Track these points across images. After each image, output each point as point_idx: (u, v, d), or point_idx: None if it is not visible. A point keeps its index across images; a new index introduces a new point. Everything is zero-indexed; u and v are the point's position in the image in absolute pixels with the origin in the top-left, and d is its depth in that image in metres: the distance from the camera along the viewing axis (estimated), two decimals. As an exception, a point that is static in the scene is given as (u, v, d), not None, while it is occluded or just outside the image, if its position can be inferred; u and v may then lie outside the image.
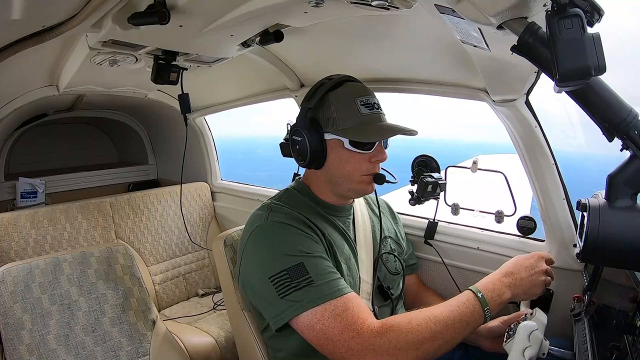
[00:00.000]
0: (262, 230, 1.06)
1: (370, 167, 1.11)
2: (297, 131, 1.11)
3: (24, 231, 1.95)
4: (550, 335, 1.03)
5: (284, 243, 1.02)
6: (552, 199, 1.32)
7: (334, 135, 1.09)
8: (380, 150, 1.11)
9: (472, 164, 1.53)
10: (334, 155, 1.11)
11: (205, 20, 1.18)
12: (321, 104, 1.11)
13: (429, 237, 1.58)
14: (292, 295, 0.95)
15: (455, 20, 0.89)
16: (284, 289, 0.96)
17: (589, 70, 0.64)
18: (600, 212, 0.72)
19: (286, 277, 0.96)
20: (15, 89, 1.77)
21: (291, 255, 0.99)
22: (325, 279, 0.96)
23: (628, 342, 0.79)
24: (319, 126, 1.10)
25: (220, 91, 2.27)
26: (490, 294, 0.95)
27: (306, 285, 0.95)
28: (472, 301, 0.94)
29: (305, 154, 1.10)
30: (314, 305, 0.94)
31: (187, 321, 2.09)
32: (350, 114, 1.08)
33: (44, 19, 1.09)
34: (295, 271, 0.96)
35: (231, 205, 2.60)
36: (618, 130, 0.72)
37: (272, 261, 1.00)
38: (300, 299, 0.94)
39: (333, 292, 0.95)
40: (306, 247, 1.01)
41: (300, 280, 0.95)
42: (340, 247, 1.13)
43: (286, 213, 1.08)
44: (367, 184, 1.13)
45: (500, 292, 0.96)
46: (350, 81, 1.15)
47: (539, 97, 1.26)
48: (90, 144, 3.21)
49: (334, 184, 1.14)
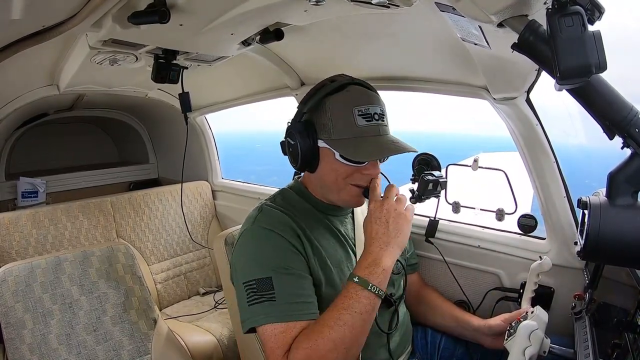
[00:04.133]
0: (248, 234, 1.06)
1: (361, 178, 1.06)
2: (291, 134, 1.07)
3: (25, 231, 1.95)
4: (551, 333, 1.03)
5: (262, 253, 1.02)
6: (553, 197, 1.32)
7: (326, 145, 1.04)
8: (373, 165, 1.06)
9: (472, 162, 1.53)
10: (325, 163, 1.06)
11: (205, 19, 1.17)
12: (318, 107, 1.06)
13: (430, 236, 1.58)
14: (255, 306, 0.97)
15: (455, 18, 0.89)
16: (251, 297, 0.98)
17: (590, 68, 0.63)
18: (601, 210, 0.72)
19: (254, 287, 0.98)
20: (16, 88, 1.77)
21: (264, 267, 0.99)
22: (286, 300, 0.96)
23: (629, 339, 0.79)
24: (313, 131, 1.05)
25: (221, 90, 2.27)
26: (365, 272, 0.93)
27: (267, 301, 0.96)
28: (352, 290, 0.92)
29: (297, 158, 1.07)
30: (264, 323, 0.95)
31: (189, 320, 2.10)
32: (345, 124, 1.02)
33: (44, 19, 1.09)
34: (262, 284, 0.97)
35: (232, 204, 2.61)
36: (619, 128, 0.72)
37: (248, 268, 1.01)
38: (260, 312, 0.96)
39: (285, 315, 0.95)
40: (282, 262, 1.00)
41: (263, 294, 0.97)
42: (330, 252, 1.10)
43: (274, 217, 1.06)
44: (357, 197, 1.09)
45: (374, 262, 0.94)
46: (354, 84, 1.07)
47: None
48: (90, 143, 3.21)
49: (324, 190, 1.12)
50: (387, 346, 1.17)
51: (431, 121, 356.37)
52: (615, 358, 0.80)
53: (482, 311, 1.45)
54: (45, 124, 2.62)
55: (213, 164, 2.71)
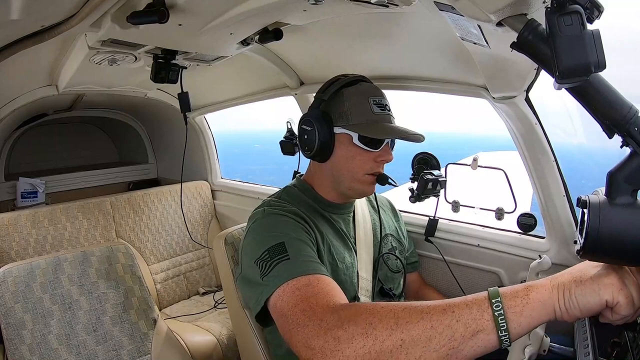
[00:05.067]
0: (258, 220, 1.06)
1: (375, 166, 1.12)
2: (308, 121, 1.11)
3: (25, 231, 1.95)
4: (551, 332, 1.03)
5: (271, 227, 1.01)
6: (553, 196, 1.32)
7: (344, 130, 1.10)
8: (386, 150, 1.12)
9: (472, 162, 1.53)
10: (341, 149, 1.11)
11: (204, 19, 1.17)
12: (335, 97, 1.12)
13: (429, 235, 1.58)
14: (268, 275, 0.90)
15: (454, 17, 0.89)
16: (264, 269, 0.92)
17: (589, 67, 0.63)
18: (600, 209, 0.72)
19: (267, 257, 0.93)
20: (15, 89, 1.77)
21: (274, 235, 0.97)
22: (302, 259, 0.91)
23: (629, 338, 0.79)
24: (330, 119, 1.11)
25: (220, 90, 2.27)
26: (512, 302, 0.62)
27: (280, 262, 0.90)
28: (479, 304, 0.63)
29: (313, 144, 1.10)
30: (282, 282, 0.86)
31: (188, 320, 2.10)
32: (363, 111, 1.10)
33: (43, 19, 1.09)
34: (275, 250, 0.93)
35: (231, 204, 2.61)
36: (618, 127, 0.72)
37: (259, 243, 0.97)
38: (274, 276, 0.89)
39: (303, 270, 0.87)
40: (292, 231, 1.00)
41: (277, 258, 0.91)
42: (337, 247, 1.13)
43: (283, 208, 1.08)
44: (369, 184, 1.14)
45: (532, 300, 0.62)
46: (364, 81, 1.18)
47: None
48: (90, 143, 3.21)
49: (336, 180, 1.14)
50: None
51: (427, 122, 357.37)
52: (615, 357, 0.80)
53: (482, 310, 1.45)
54: (44, 124, 2.62)
55: (212, 164, 2.71)
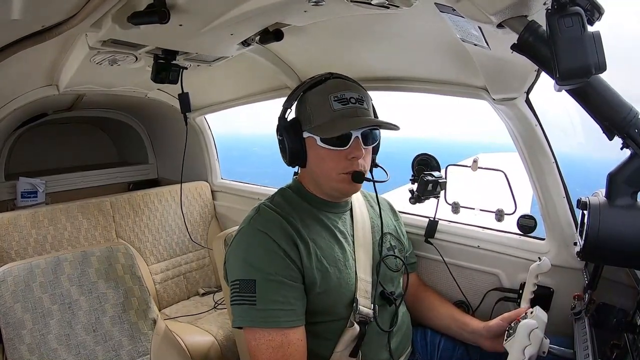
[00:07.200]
0: (242, 234, 1.09)
1: (348, 164, 1.08)
2: (277, 130, 1.14)
3: (25, 231, 1.95)
4: (551, 333, 1.03)
5: (251, 254, 1.04)
6: (553, 198, 1.32)
7: (309, 133, 1.09)
8: (356, 146, 1.07)
9: (472, 163, 1.53)
10: (312, 153, 1.11)
11: (205, 20, 1.17)
12: (299, 102, 1.13)
13: (429, 236, 1.58)
14: (235, 307, 1.01)
15: (455, 18, 0.89)
16: (234, 297, 1.02)
17: (589, 69, 0.64)
18: (600, 210, 0.72)
19: (237, 287, 1.02)
20: (15, 88, 1.77)
21: (250, 268, 1.02)
22: (270, 307, 0.99)
23: (628, 340, 0.79)
24: (298, 125, 1.11)
25: (220, 90, 2.26)
26: None
27: (247, 304, 0.99)
28: None
29: (285, 153, 1.13)
30: (245, 325, 1.00)
31: (188, 320, 2.09)
32: (323, 111, 1.08)
33: (43, 19, 1.09)
34: (245, 286, 1.00)
35: (231, 204, 2.60)
36: (618, 128, 0.72)
37: (236, 268, 1.05)
38: (239, 314, 1.01)
39: (266, 322, 0.98)
40: (269, 267, 1.01)
41: (245, 297, 1.00)
42: (327, 251, 1.11)
43: (270, 219, 1.08)
44: (347, 183, 1.10)
45: None
46: (334, 78, 1.13)
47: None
48: (90, 143, 3.21)
49: (317, 183, 1.15)
50: (387, 346, 1.17)
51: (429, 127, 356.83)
52: (614, 358, 0.80)
53: (482, 312, 1.45)
54: (44, 124, 2.61)
55: (212, 164, 2.71)
